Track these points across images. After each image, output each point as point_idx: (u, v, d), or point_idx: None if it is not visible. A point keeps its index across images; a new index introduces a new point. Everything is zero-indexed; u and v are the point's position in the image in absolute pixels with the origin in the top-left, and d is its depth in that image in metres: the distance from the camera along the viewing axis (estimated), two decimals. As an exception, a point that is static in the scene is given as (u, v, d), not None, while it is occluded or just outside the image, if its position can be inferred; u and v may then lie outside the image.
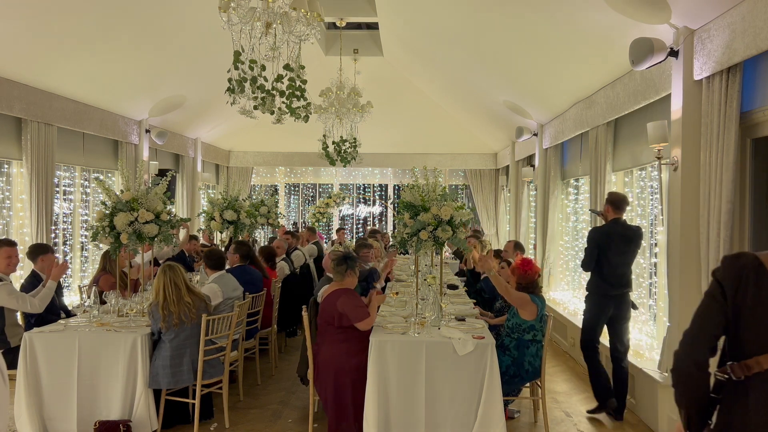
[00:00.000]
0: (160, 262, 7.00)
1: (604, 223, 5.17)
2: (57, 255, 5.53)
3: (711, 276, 2.03)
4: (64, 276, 5.29)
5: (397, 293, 5.80)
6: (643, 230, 5.38)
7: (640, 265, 5.80)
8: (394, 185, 13.96)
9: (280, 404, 5.38)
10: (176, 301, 4.46)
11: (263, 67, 4.28)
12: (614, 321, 5.07)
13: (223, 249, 7.63)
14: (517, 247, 6.69)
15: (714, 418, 1.97)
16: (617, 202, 5.09)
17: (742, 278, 1.92)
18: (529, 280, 4.66)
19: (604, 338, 5.26)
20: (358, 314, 4.24)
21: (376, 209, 14.36)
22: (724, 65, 3.93)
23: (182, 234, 7.91)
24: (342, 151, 9.01)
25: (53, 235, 6.95)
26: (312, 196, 14.35)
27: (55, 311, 5.11)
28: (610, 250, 4.99)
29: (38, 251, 5.27)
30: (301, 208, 14.45)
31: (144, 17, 6.13)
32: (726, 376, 1.94)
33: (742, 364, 1.90)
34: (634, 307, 5.19)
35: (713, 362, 2.02)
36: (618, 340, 5.07)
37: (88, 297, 4.98)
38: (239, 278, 5.58)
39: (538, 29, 5.91)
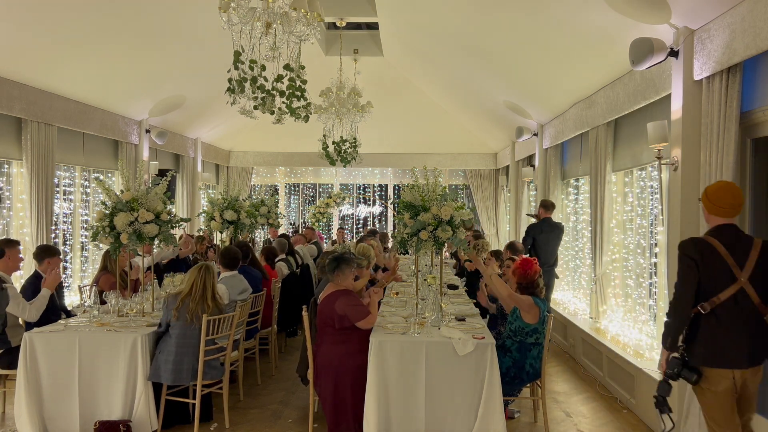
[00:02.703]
0: (162, 264, 7.01)
1: (537, 221, 7.46)
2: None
3: (679, 250, 3.27)
4: (62, 277, 5.28)
5: (397, 293, 5.80)
6: (565, 226, 7.76)
7: (640, 265, 5.80)
8: (394, 185, 13.96)
9: (280, 404, 5.38)
10: (198, 300, 4.50)
11: (263, 67, 4.28)
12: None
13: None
14: (509, 248, 6.67)
15: (683, 340, 3.28)
16: (547, 206, 7.44)
17: (702, 253, 3.18)
18: (529, 280, 4.65)
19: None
20: (359, 314, 4.24)
21: (376, 209, 14.36)
22: (724, 65, 3.93)
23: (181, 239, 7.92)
24: (342, 151, 9.00)
25: (53, 235, 6.95)
26: (312, 196, 14.35)
27: (55, 311, 5.10)
28: (543, 239, 7.18)
29: (46, 254, 5.25)
30: (301, 208, 14.45)
31: (144, 17, 6.13)
32: (696, 311, 3.20)
33: (710, 302, 3.16)
34: (556, 276, 7.41)
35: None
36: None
37: (89, 297, 4.97)
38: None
39: (538, 29, 5.91)
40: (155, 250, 6.32)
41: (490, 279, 4.79)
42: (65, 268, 5.35)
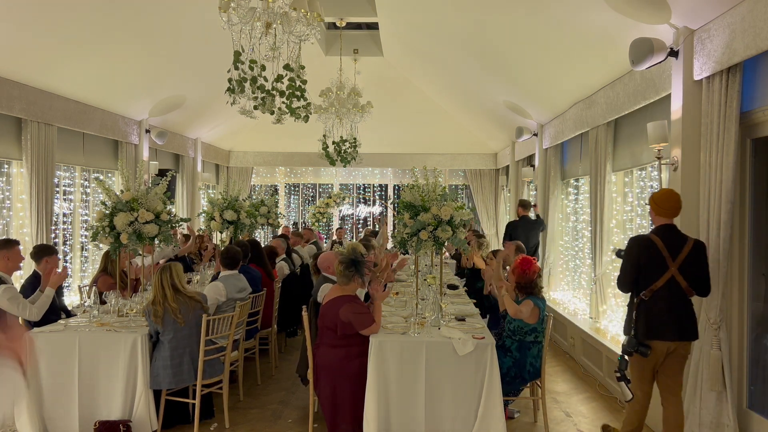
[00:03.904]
0: (161, 263, 7.01)
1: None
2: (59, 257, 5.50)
3: (629, 242, 4.03)
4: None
5: (397, 293, 5.80)
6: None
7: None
8: (394, 185, 13.96)
9: (280, 404, 5.38)
10: (161, 302, 4.48)
11: (263, 67, 4.28)
12: None
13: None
14: (519, 249, 6.67)
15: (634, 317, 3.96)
16: (525, 204, 8.48)
17: (645, 246, 3.91)
18: (528, 279, 4.65)
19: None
20: (364, 322, 4.20)
21: (376, 209, 14.36)
22: (724, 65, 3.93)
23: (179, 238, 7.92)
24: (342, 151, 9.00)
25: (53, 235, 6.95)
26: (312, 196, 14.36)
27: (55, 311, 5.10)
28: (522, 235, 7.96)
29: (44, 252, 5.25)
30: (301, 208, 14.45)
31: (144, 17, 6.13)
32: (640, 298, 3.94)
33: (647, 290, 3.88)
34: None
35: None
36: None
37: (89, 297, 4.97)
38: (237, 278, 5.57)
39: (538, 29, 5.91)
40: (156, 251, 6.31)
41: (500, 296, 4.79)
42: (65, 268, 5.34)
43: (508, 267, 6.09)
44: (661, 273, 3.85)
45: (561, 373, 6.42)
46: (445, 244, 4.76)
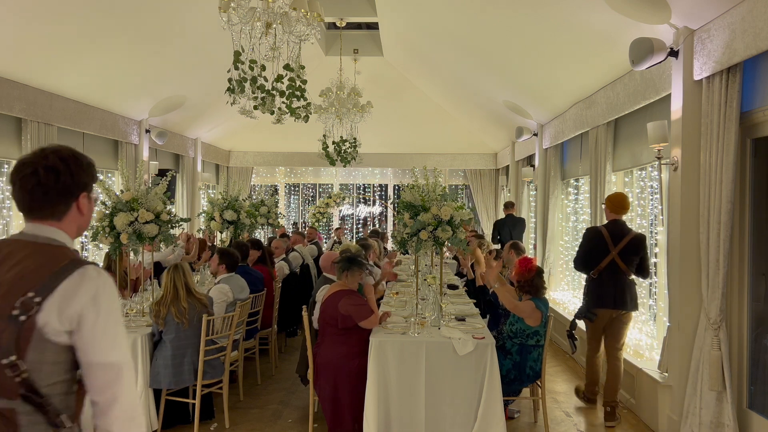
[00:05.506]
0: (164, 265, 7.00)
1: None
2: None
3: (584, 232, 5.19)
4: None
5: (397, 293, 5.80)
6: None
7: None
8: (394, 185, 13.96)
9: (280, 404, 5.38)
10: (168, 302, 4.48)
11: (263, 67, 4.28)
12: None
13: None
14: (513, 247, 6.67)
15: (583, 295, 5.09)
16: (507, 205, 9.42)
17: (595, 234, 4.99)
18: (526, 279, 4.64)
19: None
20: (362, 313, 4.23)
21: (376, 209, 14.36)
22: (724, 65, 3.93)
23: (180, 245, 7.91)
24: (342, 151, 9.00)
25: (53, 235, 6.93)
26: (312, 196, 14.36)
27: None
28: (506, 232, 9.02)
29: None
30: (301, 208, 14.45)
31: (144, 17, 6.13)
32: (590, 277, 4.98)
33: (595, 270, 4.91)
34: None
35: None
36: None
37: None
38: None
39: (538, 29, 5.92)
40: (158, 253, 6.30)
41: (498, 289, 4.78)
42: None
43: (506, 266, 6.09)
44: (605, 256, 4.89)
45: (561, 373, 6.42)
46: (446, 245, 4.76)
